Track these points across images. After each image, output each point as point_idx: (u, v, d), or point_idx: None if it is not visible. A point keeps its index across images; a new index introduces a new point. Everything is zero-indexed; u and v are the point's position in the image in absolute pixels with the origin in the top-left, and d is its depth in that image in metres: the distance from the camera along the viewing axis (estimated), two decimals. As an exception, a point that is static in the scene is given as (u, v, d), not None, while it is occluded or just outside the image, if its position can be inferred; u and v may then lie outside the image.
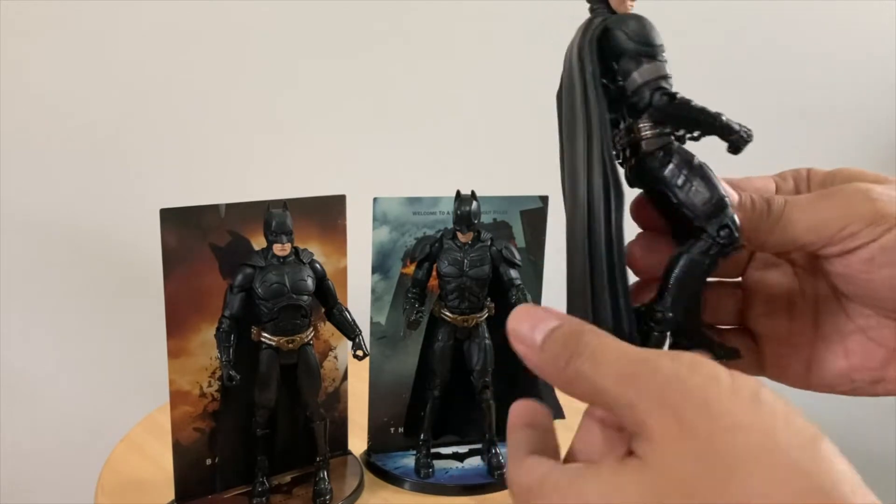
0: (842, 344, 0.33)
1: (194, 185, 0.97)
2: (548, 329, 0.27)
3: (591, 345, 0.26)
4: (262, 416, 0.67)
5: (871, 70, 1.21)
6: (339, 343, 0.73)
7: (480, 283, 0.69)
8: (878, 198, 0.29)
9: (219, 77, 0.97)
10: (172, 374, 0.64)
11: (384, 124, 1.05)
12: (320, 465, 0.69)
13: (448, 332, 0.71)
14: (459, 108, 1.08)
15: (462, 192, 0.69)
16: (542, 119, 1.08)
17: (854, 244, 0.29)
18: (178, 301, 0.62)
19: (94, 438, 0.86)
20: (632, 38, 0.30)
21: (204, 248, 0.63)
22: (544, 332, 0.27)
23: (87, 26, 0.90)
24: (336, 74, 1.02)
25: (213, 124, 0.98)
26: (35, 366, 0.97)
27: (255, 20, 0.97)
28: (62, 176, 0.93)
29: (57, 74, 0.90)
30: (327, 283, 0.67)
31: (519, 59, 1.09)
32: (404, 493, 0.71)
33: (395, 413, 0.75)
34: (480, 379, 0.71)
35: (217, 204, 0.64)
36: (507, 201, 0.75)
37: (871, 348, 0.33)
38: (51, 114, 0.91)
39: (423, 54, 1.05)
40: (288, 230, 0.64)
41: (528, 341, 0.27)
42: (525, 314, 0.28)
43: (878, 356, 0.33)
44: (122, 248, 0.96)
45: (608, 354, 0.25)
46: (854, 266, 0.30)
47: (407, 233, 0.72)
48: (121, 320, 0.98)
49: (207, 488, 0.67)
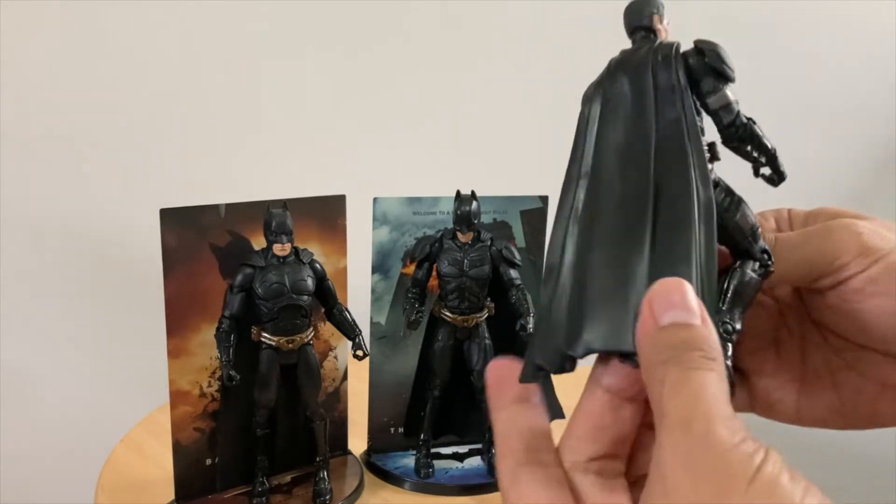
0: (831, 379, 0.34)
1: (194, 185, 0.97)
2: (682, 321, 0.25)
3: (697, 380, 0.24)
4: (262, 416, 0.67)
5: (871, 70, 1.21)
6: (339, 343, 0.73)
7: (480, 283, 0.69)
8: (863, 231, 0.31)
9: (219, 77, 0.97)
10: (172, 374, 0.64)
11: (384, 124, 1.05)
12: (320, 465, 0.69)
13: (448, 332, 0.71)
14: (459, 108, 1.08)
15: (462, 192, 0.69)
16: (542, 119, 1.09)
17: (844, 275, 0.31)
18: (178, 301, 0.62)
19: (94, 438, 0.86)
20: (723, 59, 0.31)
21: (204, 248, 0.63)
22: (674, 319, 0.25)
23: (88, 26, 0.90)
24: (336, 74, 1.02)
25: (214, 124, 0.98)
26: (35, 366, 0.97)
27: (256, 20, 0.97)
28: (62, 176, 0.93)
29: (57, 74, 0.90)
30: (327, 283, 0.67)
31: (519, 60, 1.09)
32: (404, 493, 0.71)
33: (395, 413, 0.75)
34: (480, 379, 0.71)
35: (217, 204, 0.64)
36: (507, 201, 0.75)
37: (862, 383, 0.33)
38: (51, 114, 0.91)
39: (423, 54, 1.05)
40: (288, 230, 0.64)
41: (654, 314, 0.25)
42: (675, 293, 0.25)
43: (869, 391, 0.33)
44: (122, 248, 0.96)
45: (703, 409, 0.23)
46: (845, 297, 0.31)
47: (407, 233, 0.72)
48: (121, 320, 0.98)
49: (207, 488, 0.67)
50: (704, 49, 0.32)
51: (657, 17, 0.33)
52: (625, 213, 0.29)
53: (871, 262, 0.30)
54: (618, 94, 0.31)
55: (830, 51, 1.19)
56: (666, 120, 0.30)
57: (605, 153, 0.31)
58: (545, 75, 1.09)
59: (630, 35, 0.33)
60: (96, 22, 0.90)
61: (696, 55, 0.32)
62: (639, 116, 0.31)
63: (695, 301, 0.25)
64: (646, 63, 0.31)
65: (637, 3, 0.33)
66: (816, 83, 1.21)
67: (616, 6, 0.35)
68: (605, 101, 0.32)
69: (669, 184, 0.29)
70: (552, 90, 1.09)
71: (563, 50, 1.08)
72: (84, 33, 0.90)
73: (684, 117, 0.30)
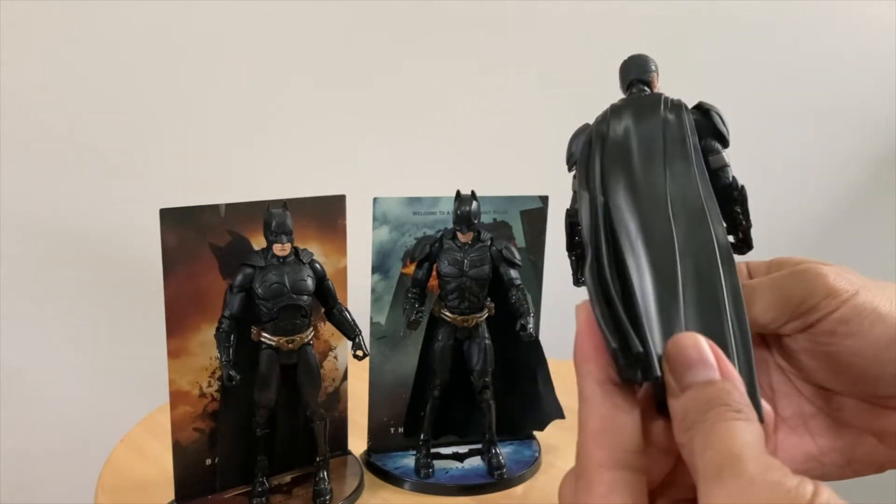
0: (805, 427, 0.34)
1: (194, 185, 0.97)
2: (702, 379, 0.25)
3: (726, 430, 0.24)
4: (262, 416, 0.67)
5: (871, 70, 1.21)
6: (339, 343, 0.73)
7: (480, 283, 0.69)
8: (829, 274, 0.31)
9: (219, 77, 0.97)
10: (172, 374, 0.64)
11: (384, 124, 1.06)
12: (320, 465, 0.69)
13: (448, 332, 0.71)
14: (460, 108, 1.08)
15: (462, 192, 0.69)
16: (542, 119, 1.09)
17: (814, 317, 0.31)
18: (178, 301, 0.62)
19: (94, 438, 0.86)
20: (724, 123, 0.33)
21: (204, 248, 0.63)
22: (694, 379, 0.25)
23: (87, 26, 0.90)
24: (336, 74, 1.02)
25: (214, 124, 0.98)
26: (35, 366, 0.97)
27: (256, 20, 0.97)
28: (62, 176, 0.93)
29: (57, 74, 0.90)
30: (327, 283, 0.67)
31: (519, 60, 1.09)
32: (404, 493, 0.71)
33: (395, 413, 0.75)
34: (480, 379, 0.71)
35: (217, 204, 0.64)
36: (507, 201, 0.75)
37: (838, 429, 0.33)
38: (51, 114, 0.91)
39: (423, 54, 1.05)
40: (288, 230, 0.64)
41: (676, 377, 0.26)
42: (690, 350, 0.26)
43: (846, 436, 0.33)
44: (122, 248, 0.96)
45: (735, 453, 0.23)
46: (817, 339, 0.31)
47: (407, 233, 0.72)
48: (121, 320, 0.98)
49: (207, 488, 0.67)
50: (710, 110, 0.33)
51: (656, 76, 0.34)
52: (656, 258, 0.29)
53: (840, 303, 0.30)
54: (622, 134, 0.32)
55: (830, 51, 1.19)
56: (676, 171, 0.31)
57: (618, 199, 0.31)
58: (545, 75, 1.09)
59: (626, 87, 0.34)
60: (96, 21, 0.90)
61: (700, 114, 0.33)
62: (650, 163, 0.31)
63: (711, 355, 0.25)
64: (656, 112, 0.32)
65: (641, 58, 0.35)
66: (817, 83, 1.21)
67: (617, 6, 0.36)
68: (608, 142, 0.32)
69: (689, 236, 0.30)
70: (552, 90, 1.09)
71: (563, 50, 1.08)
72: (84, 33, 0.90)
73: (696, 170, 0.31)
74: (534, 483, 0.73)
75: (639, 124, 0.32)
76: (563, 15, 1.08)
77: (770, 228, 1.10)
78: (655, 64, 0.34)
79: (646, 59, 0.34)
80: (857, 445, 0.33)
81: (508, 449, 0.76)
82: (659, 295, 0.28)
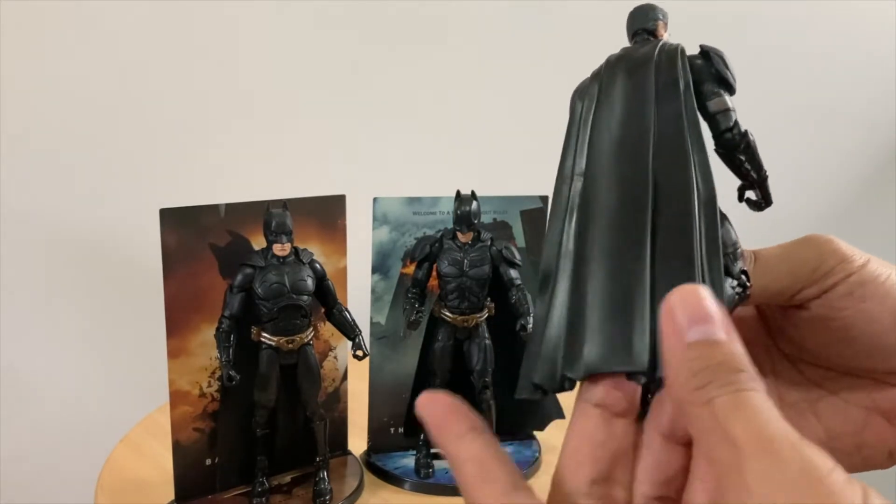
0: (812, 410, 0.33)
1: (194, 185, 0.97)
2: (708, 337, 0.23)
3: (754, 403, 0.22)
4: (262, 416, 0.67)
5: (871, 70, 1.21)
6: (339, 343, 0.73)
7: (480, 283, 0.69)
8: (840, 242, 0.31)
9: (219, 77, 0.97)
10: (172, 374, 0.64)
11: (385, 124, 1.05)
12: (320, 465, 0.69)
13: (448, 332, 0.71)
14: (460, 107, 1.08)
15: (462, 192, 0.69)
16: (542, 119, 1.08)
17: (830, 281, 0.30)
18: (178, 301, 0.62)
19: (94, 438, 0.86)
20: (728, 66, 0.31)
21: (204, 248, 0.63)
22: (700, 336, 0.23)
23: (88, 26, 0.90)
24: (336, 74, 1.02)
25: (213, 124, 0.98)
26: (35, 366, 0.96)
27: (255, 20, 0.97)
28: (62, 175, 0.93)
29: (57, 74, 0.90)
30: (327, 283, 0.67)
31: (519, 60, 1.09)
32: (404, 493, 0.71)
33: (395, 413, 0.75)
34: (480, 379, 0.71)
35: (217, 204, 0.64)
36: (507, 201, 0.75)
37: (846, 410, 0.33)
38: (51, 114, 0.91)
39: (423, 54, 1.05)
40: (288, 230, 0.64)
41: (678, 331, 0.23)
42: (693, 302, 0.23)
43: (854, 418, 0.33)
44: (122, 248, 0.96)
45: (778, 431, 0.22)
46: (834, 303, 0.30)
47: (407, 233, 0.72)
48: (121, 320, 0.98)
49: (207, 488, 0.67)
50: (710, 53, 0.31)
51: (661, 24, 0.33)
52: (622, 215, 0.28)
53: (856, 267, 0.30)
54: (616, 89, 0.31)
55: (830, 51, 1.20)
56: (665, 115, 0.29)
57: (601, 150, 0.30)
58: (545, 75, 1.09)
59: (631, 37, 0.33)
60: (96, 21, 0.90)
61: (701, 58, 0.31)
62: (637, 112, 0.30)
63: (716, 310, 0.23)
64: (648, 59, 0.31)
65: (644, 7, 0.33)
66: (817, 83, 1.21)
67: (617, 6, 0.36)
68: (601, 96, 0.31)
69: (668, 180, 0.28)
70: (553, 90, 1.09)
71: (563, 50, 1.08)
72: (84, 33, 0.90)
73: (685, 112, 0.29)
74: (534, 483, 0.73)
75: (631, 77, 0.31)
76: (564, 15, 1.08)
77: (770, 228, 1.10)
78: (663, 13, 0.33)
79: (650, 7, 0.33)
80: (866, 427, 0.32)
81: (509, 449, 0.76)
82: (619, 251, 0.27)
